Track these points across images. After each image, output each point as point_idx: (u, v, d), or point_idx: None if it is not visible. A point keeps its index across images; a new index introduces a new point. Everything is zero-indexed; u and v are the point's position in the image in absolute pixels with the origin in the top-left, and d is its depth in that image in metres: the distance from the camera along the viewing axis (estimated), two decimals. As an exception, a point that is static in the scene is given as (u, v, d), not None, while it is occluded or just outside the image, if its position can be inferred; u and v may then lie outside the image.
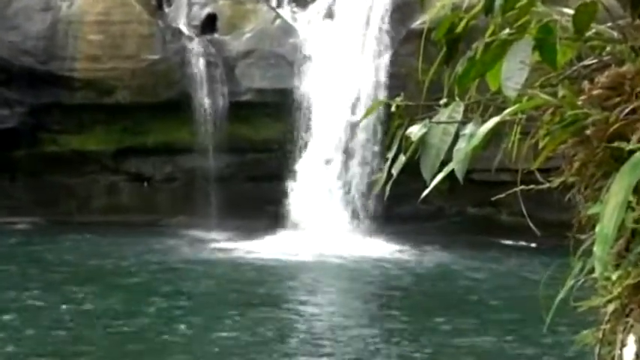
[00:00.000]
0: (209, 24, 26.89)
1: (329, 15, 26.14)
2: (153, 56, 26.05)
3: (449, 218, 25.09)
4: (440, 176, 2.11)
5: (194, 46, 26.40)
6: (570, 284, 2.17)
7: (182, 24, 26.85)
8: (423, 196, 2.59)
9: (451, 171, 2.15)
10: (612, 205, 1.73)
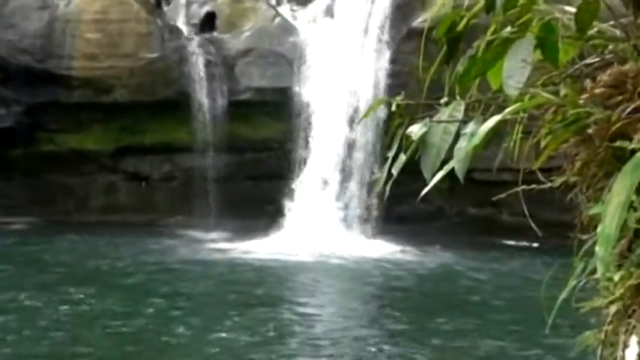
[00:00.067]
0: (208, 22, 26.89)
1: (329, 13, 26.13)
2: (151, 55, 26.04)
3: (449, 218, 25.09)
4: (440, 175, 2.11)
5: (193, 45, 26.39)
6: (572, 285, 2.17)
7: (181, 22, 26.84)
8: (424, 196, 2.59)
9: (452, 170, 2.15)
10: (614, 205, 1.73)
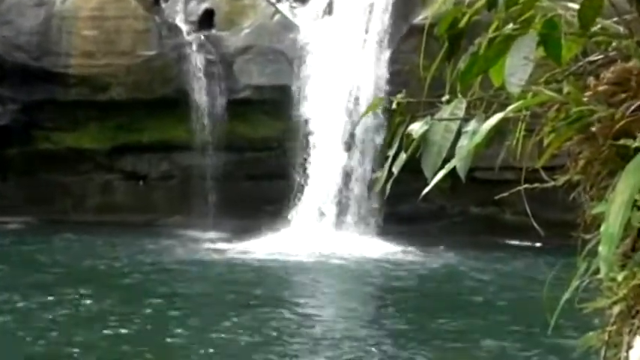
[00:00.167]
0: (206, 19, 26.89)
1: (329, 10, 26.13)
2: (149, 52, 26.04)
3: (451, 218, 25.09)
4: (441, 174, 2.11)
5: (191, 42, 26.38)
6: (575, 285, 2.17)
7: (179, 19, 26.84)
8: (425, 195, 2.59)
9: (453, 169, 2.15)
10: (618, 204, 1.73)
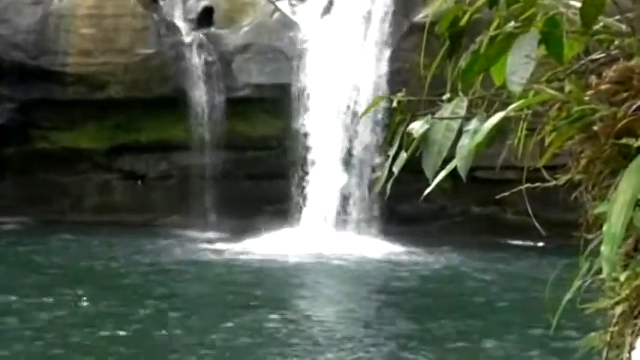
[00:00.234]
0: (205, 17, 26.88)
1: (329, 8, 26.12)
2: (147, 50, 26.04)
3: (452, 218, 25.09)
4: (442, 174, 2.11)
5: (190, 41, 26.38)
6: (577, 285, 2.17)
7: (177, 17, 26.83)
8: (426, 195, 2.59)
9: (454, 169, 2.15)
10: (620, 204, 1.74)
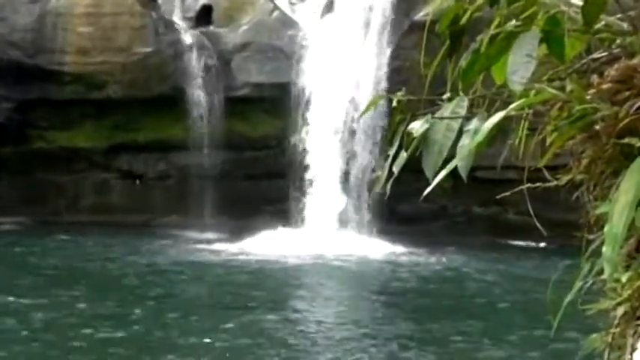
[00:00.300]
0: (204, 16, 26.89)
1: (330, 7, 26.13)
2: (145, 49, 26.04)
3: (453, 218, 25.11)
4: (442, 174, 2.11)
5: (188, 39, 26.38)
6: (579, 286, 2.17)
7: (176, 16, 26.85)
8: (427, 195, 2.59)
9: (455, 169, 2.15)
10: (622, 204, 1.73)
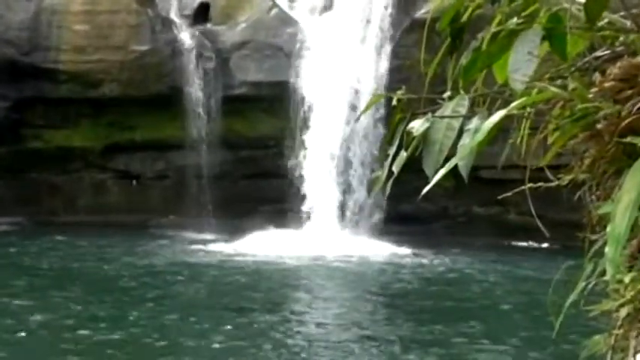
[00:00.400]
0: (201, 13, 26.88)
1: (330, 5, 26.13)
2: (142, 47, 26.03)
3: (454, 218, 25.11)
4: (442, 173, 2.11)
5: (185, 37, 26.38)
6: (581, 287, 2.17)
7: (173, 13, 26.83)
8: (428, 195, 2.59)
9: (456, 169, 2.15)
10: (625, 204, 1.73)
